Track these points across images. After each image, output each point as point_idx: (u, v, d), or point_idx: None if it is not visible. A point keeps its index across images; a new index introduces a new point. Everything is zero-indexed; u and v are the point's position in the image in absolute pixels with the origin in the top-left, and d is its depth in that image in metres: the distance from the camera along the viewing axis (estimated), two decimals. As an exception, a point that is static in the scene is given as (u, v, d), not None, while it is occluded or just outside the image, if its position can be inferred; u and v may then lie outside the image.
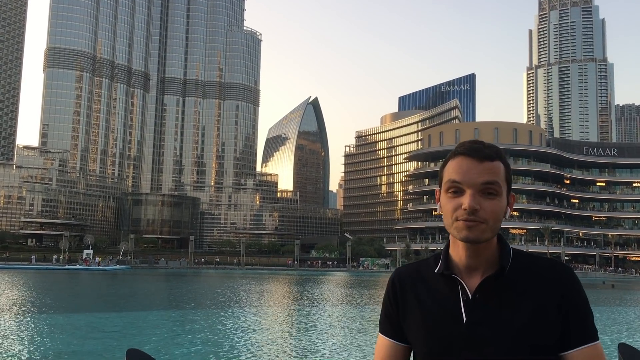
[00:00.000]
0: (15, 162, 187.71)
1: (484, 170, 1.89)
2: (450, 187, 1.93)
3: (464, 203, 1.87)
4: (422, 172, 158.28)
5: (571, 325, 1.91)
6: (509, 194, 1.97)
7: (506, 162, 1.97)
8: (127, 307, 39.01)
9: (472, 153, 1.91)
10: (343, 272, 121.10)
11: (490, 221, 1.88)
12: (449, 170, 1.95)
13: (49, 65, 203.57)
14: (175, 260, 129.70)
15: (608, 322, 33.68)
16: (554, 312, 1.89)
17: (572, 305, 1.92)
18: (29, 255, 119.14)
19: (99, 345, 22.27)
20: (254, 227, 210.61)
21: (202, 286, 66.39)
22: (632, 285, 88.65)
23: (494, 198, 1.89)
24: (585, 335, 1.92)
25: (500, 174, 1.92)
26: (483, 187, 1.88)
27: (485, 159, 1.90)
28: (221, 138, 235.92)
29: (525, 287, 1.91)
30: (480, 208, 1.86)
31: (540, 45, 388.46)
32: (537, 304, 1.89)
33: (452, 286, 1.96)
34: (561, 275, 1.94)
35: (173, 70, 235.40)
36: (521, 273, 1.94)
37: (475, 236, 1.87)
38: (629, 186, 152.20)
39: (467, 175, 1.89)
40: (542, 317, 1.87)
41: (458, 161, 1.93)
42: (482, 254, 1.94)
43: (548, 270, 1.95)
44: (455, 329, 1.89)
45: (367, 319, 34.00)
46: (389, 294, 2.09)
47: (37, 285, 58.09)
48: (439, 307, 1.95)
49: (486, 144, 1.95)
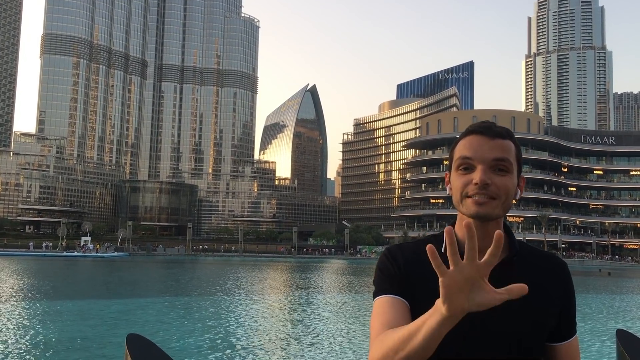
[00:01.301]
0: (13, 149, 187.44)
1: (495, 147, 1.87)
2: (462, 163, 1.89)
3: (475, 178, 1.84)
4: (420, 159, 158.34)
5: (566, 319, 1.95)
6: (520, 176, 1.94)
7: (517, 142, 1.95)
8: (125, 294, 39.13)
9: (484, 130, 1.90)
10: (341, 259, 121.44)
11: (502, 197, 1.85)
12: (460, 148, 1.93)
13: (46, 52, 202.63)
14: (173, 248, 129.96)
15: (605, 309, 33.86)
16: (556, 305, 1.92)
17: (570, 301, 1.96)
18: (27, 242, 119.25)
19: (98, 331, 22.35)
20: (251, 214, 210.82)
21: (200, 273, 66.56)
22: (628, 273, 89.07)
23: (505, 174, 1.86)
24: (574, 328, 1.99)
25: (512, 152, 1.90)
26: (494, 163, 1.85)
27: (496, 137, 1.89)
28: (219, 125, 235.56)
29: (532, 275, 1.90)
30: (492, 183, 1.83)
31: (539, 33, 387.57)
32: (542, 294, 1.89)
33: None
34: (561, 269, 1.97)
35: (170, 57, 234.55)
36: (525, 259, 1.94)
37: (485, 212, 1.83)
38: (626, 174, 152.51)
39: (479, 151, 1.87)
40: (546, 308, 1.89)
41: (469, 139, 1.92)
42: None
43: (551, 264, 1.97)
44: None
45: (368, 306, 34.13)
46: (389, 258, 1.97)
47: (35, 272, 58.18)
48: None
49: (496, 124, 1.94)
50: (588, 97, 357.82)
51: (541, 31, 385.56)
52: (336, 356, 18.44)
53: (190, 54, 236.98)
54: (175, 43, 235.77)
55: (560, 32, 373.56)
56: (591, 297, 41.13)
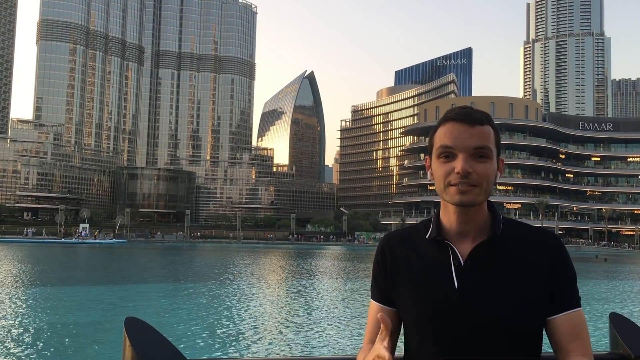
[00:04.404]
0: (10, 136, 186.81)
1: (475, 134, 1.89)
2: (442, 152, 1.92)
3: (456, 167, 1.86)
4: (418, 146, 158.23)
5: (559, 290, 1.92)
6: (499, 158, 1.97)
7: (495, 126, 1.97)
8: (125, 279, 39.34)
9: (463, 118, 1.91)
10: (338, 246, 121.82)
11: (483, 184, 1.89)
12: (439, 136, 1.94)
13: (42, 38, 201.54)
14: (171, 234, 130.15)
15: (600, 294, 34.16)
16: (544, 278, 1.90)
17: (561, 271, 1.94)
18: (25, 229, 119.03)
19: (97, 316, 22.54)
20: (249, 201, 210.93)
21: (198, 259, 66.80)
22: (624, 259, 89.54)
23: (485, 161, 1.89)
24: (572, 301, 1.94)
25: (491, 138, 1.92)
26: (475, 151, 1.88)
27: (475, 123, 1.90)
28: (217, 112, 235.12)
29: (516, 253, 1.92)
30: (473, 171, 1.87)
31: (537, 19, 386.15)
32: (528, 270, 1.90)
33: (443, 252, 1.95)
34: (551, 243, 1.96)
35: (168, 44, 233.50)
36: (512, 240, 1.95)
37: (469, 200, 1.88)
38: (623, 161, 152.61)
39: (459, 139, 1.88)
40: (533, 283, 1.89)
41: (449, 127, 1.92)
42: (474, 220, 1.95)
43: (538, 238, 1.96)
44: (447, 294, 1.88)
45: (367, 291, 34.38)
46: (378, 260, 2.08)
47: (33, 259, 58.35)
48: (430, 272, 1.94)
49: (475, 109, 1.95)
50: (586, 83, 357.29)
51: (540, 17, 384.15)
52: (332, 338, 18.63)
53: (188, 40, 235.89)
54: (173, 29, 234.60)
55: (558, 19, 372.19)
56: (587, 282, 41.41)
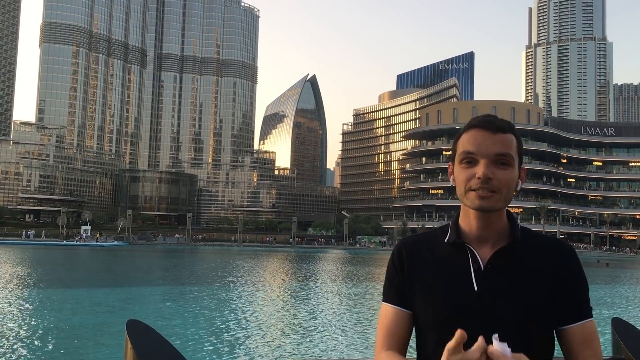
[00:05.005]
0: (12, 138, 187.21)
1: (497, 141, 1.92)
2: (465, 158, 1.95)
3: (478, 172, 1.90)
4: (420, 150, 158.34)
5: (573, 301, 1.96)
6: (520, 167, 2.00)
7: (518, 135, 2.00)
8: (126, 282, 39.37)
9: (486, 125, 1.95)
10: (340, 249, 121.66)
11: (503, 190, 1.91)
12: (463, 142, 1.98)
13: (45, 41, 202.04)
14: (172, 237, 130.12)
15: (602, 299, 34.13)
16: (559, 286, 1.94)
17: (575, 281, 1.98)
18: (23, 230, 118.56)
19: (99, 319, 22.59)
20: (251, 204, 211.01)
21: (200, 262, 66.83)
22: (626, 264, 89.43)
23: (506, 168, 1.92)
24: (585, 312, 1.98)
25: (513, 146, 1.95)
26: (496, 157, 1.91)
27: (498, 131, 1.94)
28: (219, 115, 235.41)
29: (533, 261, 1.95)
30: (494, 177, 1.89)
31: (539, 24, 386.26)
32: (543, 277, 1.93)
33: (462, 255, 1.98)
34: (565, 253, 2.00)
35: (170, 47, 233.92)
36: (529, 247, 1.98)
37: (488, 205, 1.91)
38: (625, 166, 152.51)
39: (482, 146, 1.92)
40: (548, 290, 1.92)
41: (472, 133, 1.96)
42: (493, 225, 1.97)
43: (554, 247, 2.00)
44: (466, 297, 1.90)
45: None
46: (394, 261, 2.08)
47: (35, 261, 58.42)
48: (449, 275, 1.96)
49: (498, 118, 1.98)
50: (588, 88, 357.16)
51: (542, 22, 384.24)
52: (333, 343, 18.66)
53: (190, 43, 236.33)
54: (175, 32, 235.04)
55: (560, 23, 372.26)
56: (589, 287, 41.19)
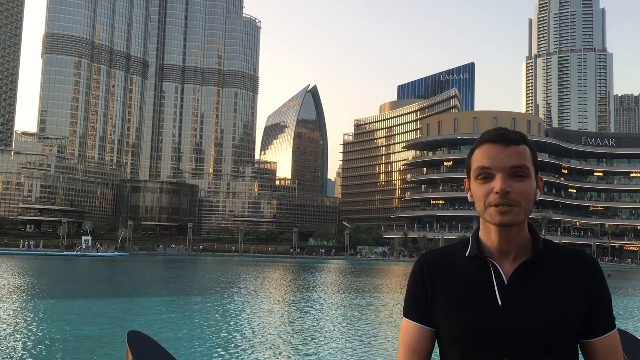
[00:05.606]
0: (14, 148, 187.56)
1: (511, 154, 1.91)
2: (480, 173, 1.94)
3: (495, 186, 1.89)
4: (421, 160, 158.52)
5: (597, 314, 1.95)
6: (537, 177, 1.99)
7: (531, 145, 2.00)
8: (127, 293, 39.34)
9: (498, 138, 1.94)
10: (341, 260, 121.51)
11: (522, 203, 1.90)
12: (476, 158, 1.97)
13: (47, 51, 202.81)
14: (173, 247, 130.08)
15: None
16: (583, 299, 1.93)
17: (599, 294, 1.96)
18: (22, 240, 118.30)
19: (100, 329, 22.58)
20: (252, 214, 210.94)
21: (200, 273, 66.76)
22: (628, 275, 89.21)
23: (523, 180, 1.92)
24: (609, 324, 1.98)
25: (527, 156, 1.95)
26: (512, 170, 1.90)
27: (511, 143, 1.93)
28: (220, 125, 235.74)
29: (556, 274, 1.95)
30: (512, 190, 1.88)
31: (540, 35, 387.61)
32: (567, 291, 1.92)
33: (485, 269, 1.97)
34: (590, 266, 1.99)
35: (172, 57, 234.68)
36: (552, 260, 1.97)
37: (509, 220, 1.89)
38: (626, 176, 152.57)
39: (496, 160, 1.91)
40: (572, 304, 1.91)
41: (485, 148, 1.95)
42: (515, 238, 1.96)
43: (577, 259, 1.99)
44: (490, 312, 1.89)
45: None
46: (415, 277, 2.07)
47: (35, 272, 58.39)
48: (472, 290, 1.95)
49: (510, 130, 1.98)
50: (588, 98, 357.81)
51: (542, 33, 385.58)
52: (341, 355, 18.65)
53: (192, 54, 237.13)
54: (177, 43, 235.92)
55: (560, 34, 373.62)
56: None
